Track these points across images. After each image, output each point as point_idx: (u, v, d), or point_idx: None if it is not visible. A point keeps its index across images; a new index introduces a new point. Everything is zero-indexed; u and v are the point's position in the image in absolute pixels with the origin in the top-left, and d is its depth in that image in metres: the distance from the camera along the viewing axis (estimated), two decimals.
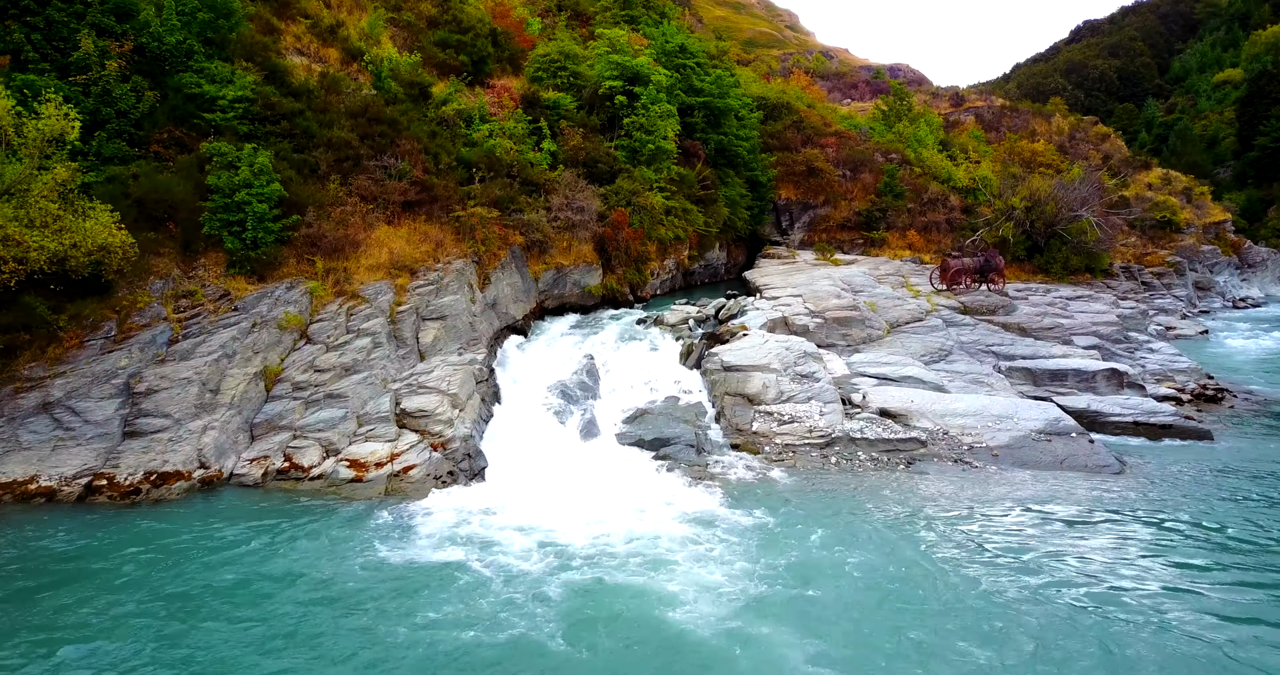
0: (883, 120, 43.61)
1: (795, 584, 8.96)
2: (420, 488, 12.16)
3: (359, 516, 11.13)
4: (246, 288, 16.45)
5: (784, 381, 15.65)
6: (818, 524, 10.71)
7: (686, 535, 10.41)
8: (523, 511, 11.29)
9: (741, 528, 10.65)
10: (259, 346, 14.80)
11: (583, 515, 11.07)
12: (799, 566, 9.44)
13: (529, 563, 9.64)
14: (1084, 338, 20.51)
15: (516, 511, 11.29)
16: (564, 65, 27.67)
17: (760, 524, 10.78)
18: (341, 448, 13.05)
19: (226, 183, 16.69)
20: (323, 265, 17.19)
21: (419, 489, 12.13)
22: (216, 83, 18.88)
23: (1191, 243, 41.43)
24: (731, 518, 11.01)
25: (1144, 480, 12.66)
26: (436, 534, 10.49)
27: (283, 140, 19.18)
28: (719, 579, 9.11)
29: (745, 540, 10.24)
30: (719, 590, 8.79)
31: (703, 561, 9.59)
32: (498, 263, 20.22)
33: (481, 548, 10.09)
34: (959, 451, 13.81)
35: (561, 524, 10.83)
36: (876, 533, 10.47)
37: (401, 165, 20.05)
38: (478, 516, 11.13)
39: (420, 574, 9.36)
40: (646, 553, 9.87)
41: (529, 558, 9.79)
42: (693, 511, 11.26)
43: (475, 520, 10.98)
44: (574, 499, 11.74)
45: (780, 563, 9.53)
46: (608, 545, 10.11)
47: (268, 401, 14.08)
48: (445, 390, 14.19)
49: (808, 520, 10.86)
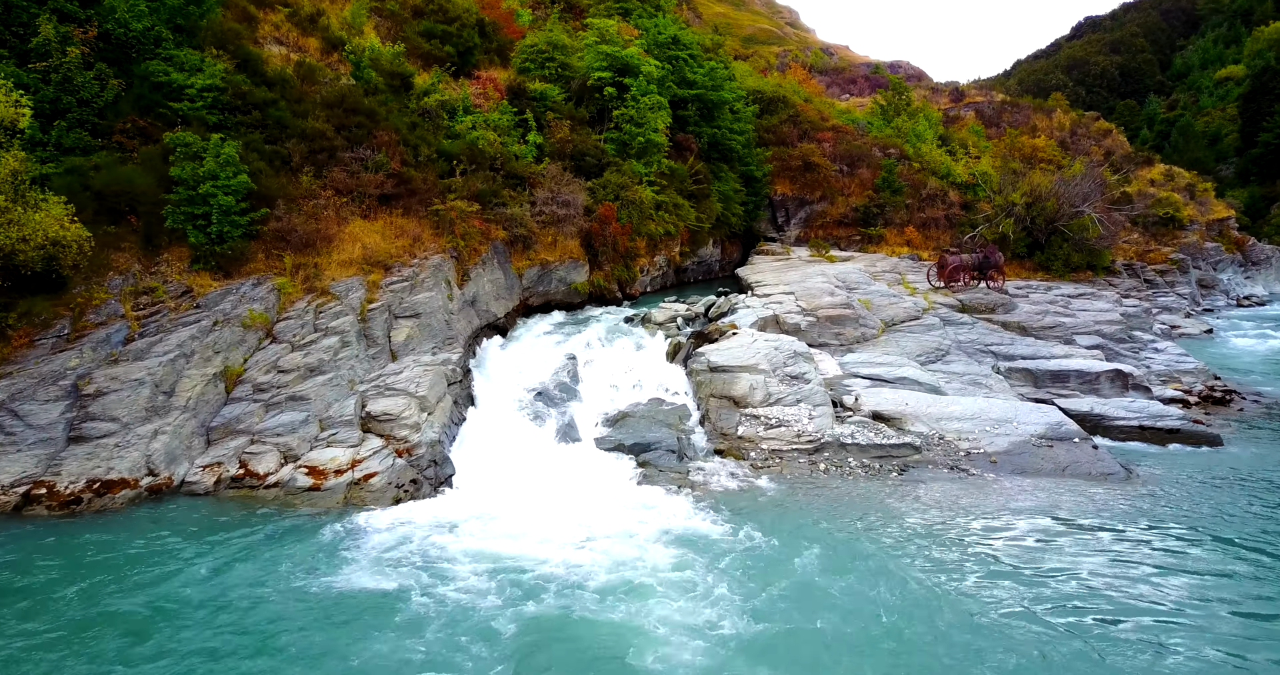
0: (881, 115, 42.82)
1: (782, 617, 8.09)
2: (381, 497, 11.43)
3: (307, 531, 10.31)
4: (211, 284, 15.74)
5: (772, 383, 14.92)
6: (805, 541, 9.92)
7: (662, 557, 9.53)
8: (486, 526, 10.47)
9: (723, 547, 9.82)
10: (220, 346, 14.07)
11: (550, 531, 10.25)
12: (786, 595, 8.58)
13: (483, 591, 8.66)
14: (1087, 337, 19.77)
15: (479, 526, 10.47)
16: (552, 56, 26.90)
17: (744, 543, 9.97)
18: (301, 454, 12.31)
19: (191, 174, 15.95)
20: (292, 261, 16.47)
21: (379, 498, 11.40)
22: (185, 71, 18.15)
23: (1195, 240, 40.72)
24: (713, 534, 10.22)
25: (1152, 489, 11.93)
26: (385, 553, 9.59)
27: (254, 131, 18.46)
28: (699, 613, 8.18)
29: (728, 563, 9.38)
30: (699, 627, 7.87)
31: (680, 590, 8.67)
32: (478, 258, 19.49)
33: (432, 571, 9.14)
34: (955, 458, 13.08)
35: (525, 542, 9.99)
36: (868, 552, 9.71)
37: (378, 157, 19.30)
38: (435, 532, 10.28)
39: (354, 604, 8.37)
40: (617, 579, 8.94)
41: (484, 585, 8.81)
42: (670, 527, 10.44)
43: (432, 536, 10.12)
44: (543, 511, 10.95)
45: (766, 592, 8.66)
46: (574, 570, 9.20)
47: (227, 404, 13.35)
48: (413, 392, 13.46)
49: (794, 537, 10.06)
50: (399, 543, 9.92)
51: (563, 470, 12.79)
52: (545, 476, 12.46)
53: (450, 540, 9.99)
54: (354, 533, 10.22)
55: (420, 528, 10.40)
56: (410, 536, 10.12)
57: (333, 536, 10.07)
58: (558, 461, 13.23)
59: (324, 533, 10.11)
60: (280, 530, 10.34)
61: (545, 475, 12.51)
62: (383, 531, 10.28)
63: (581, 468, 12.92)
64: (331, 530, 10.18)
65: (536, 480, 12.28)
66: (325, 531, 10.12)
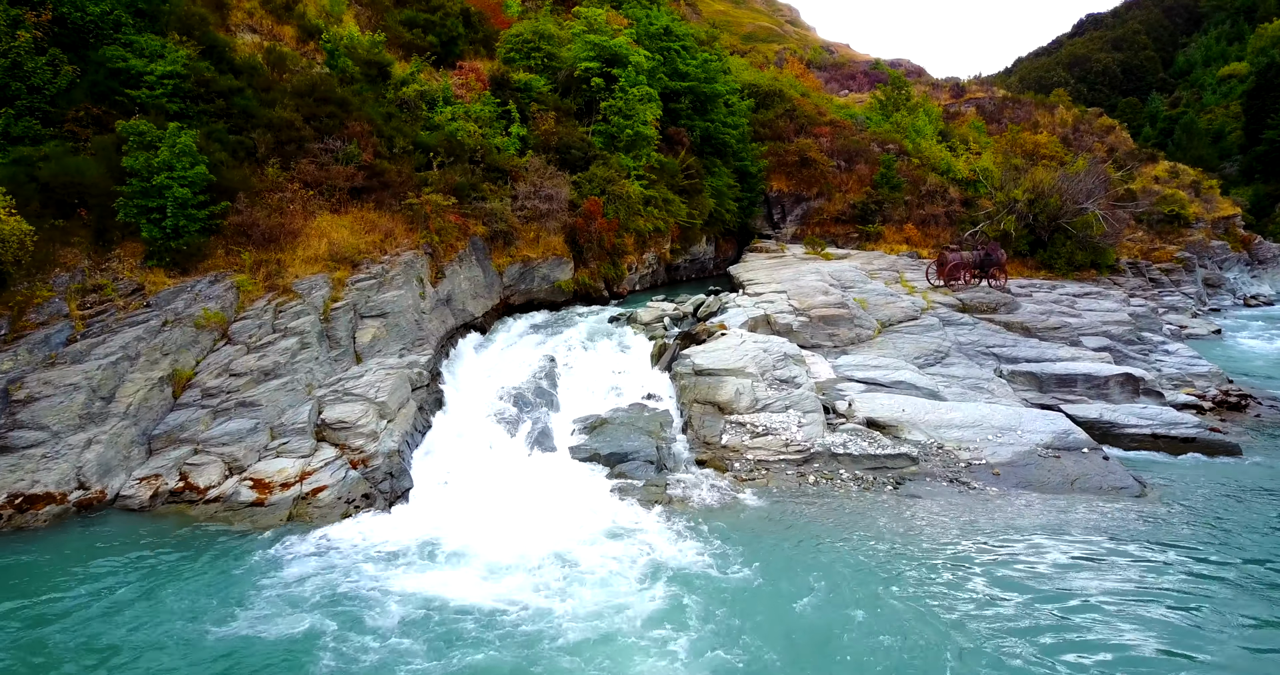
0: (880, 110, 41.87)
1: (766, 667, 7.12)
2: (329, 513, 10.50)
3: (235, 554, 9.31)
4: (165, 282, 14.80)
5: (760, 387, 13.99)
6: (791, 569, 8.96)
7: (630, 595, 8.43)
8: (434, 553, 9.46)
9: (698, 577, 8.84)
10: (169, 347, 13.13)
11: (504, 558, 9.25)
12: (770, 638, 7.58)
13: (407, 647, 7.38)
14: (1094, 338, 18.81)
15: (426, 553, 9.47)
16: (538, 46, 25.94)
17: (722, 571, 8.99)
18: (248, 464, 11.38)
19: (144, 165, 15.02)
20: (252, 257, 15.54)
21: (327, 515, 10.46)
22: (145, 57, 17.21)
23: (1201, 238, 39.78)
24: (688, 559, 9.26)
25: (1168, 505, 11.00)
26: (311, 586, 8.51)
27: (218, 120, 17.51)
28: (669, 665, 7.11)
29: (702, 596, 8.37)
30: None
31: (647, 632, 7.60)
32: (455, 255, 18.55)
33: (355, 614, 7.93)
34: (955, 469, 12.14)
35: (471, 575, 8.94)
36: (862, 581, 8.76)
37: (349, 149, 18.35)
38: (374, 561, 9.21)
39: (250, 657, 7.24)
40: (573, 629, 7.76)
41: (411, 636, 7.54)
42: (643, 552, 9.46)
43: (369, 566, 9.05)
44: (501, 533, 9.97)
45: (747, 634, 7.63)
46: (522, 614, 8.04)
47: (173, 410, 12.42)
48: (372, 398, 12.52)
49: (779, 563, 9.10)
50: (331, 573, 8.87)
51: (532, 483, 11.85)
52: (512, 490, 11.52)
53: (388, 572, 8.95)
54: (283, 559, 9.20)
55: (360, 553, 9.39)
56: (347, 566, 9.07)
57: (260, 562, 9.07)
58: (528, 473, 12.29)
59: (252, 558, 9.12)
60: (206, 554, 9.35)
61: (512, 488, 11.58)
62: (317, 556, 9.27)
63: (553, 480, 11.98)
64: (262, 555, 9.17)
65: (502, 494, 11.35)
66: (254, 557, 9.13)
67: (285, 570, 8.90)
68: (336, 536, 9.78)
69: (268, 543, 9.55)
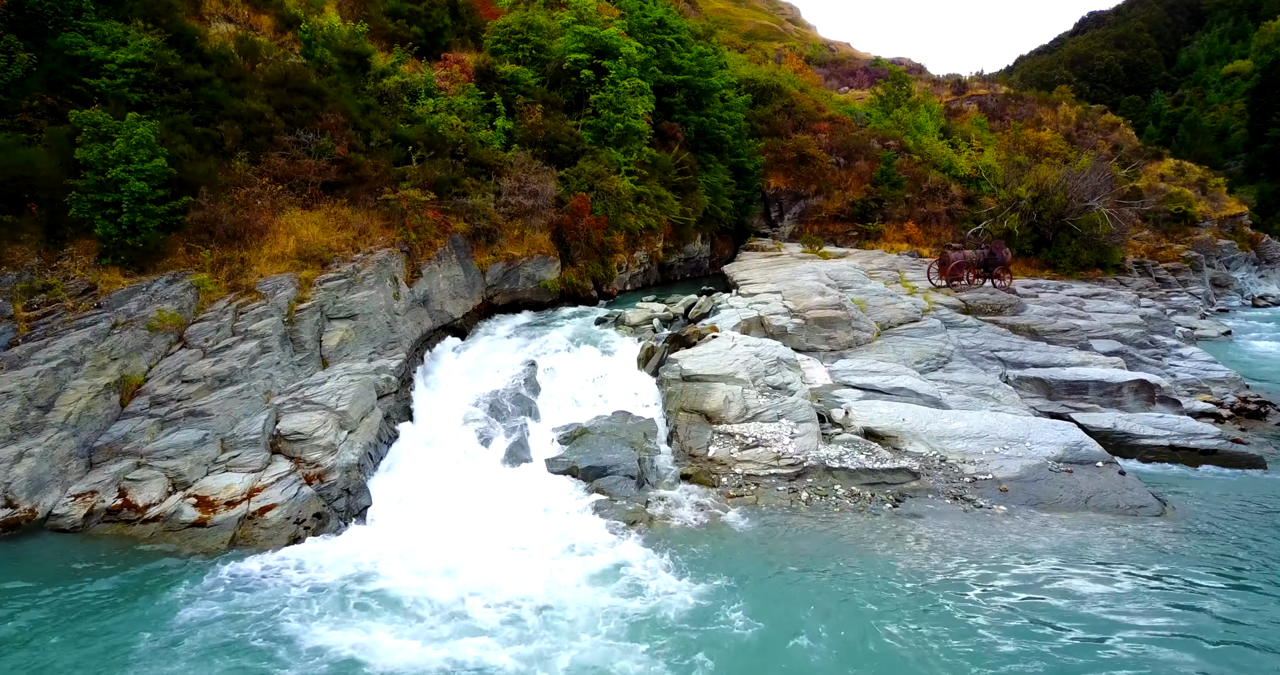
0: (880, 106, 40.98)
1: None
2: (276, 535, 9.61)
3: (159, 586, 8.28)
4: (120, 281, 13.93)
5: (751, 395, 13.10)
6: (782, 609, 8.00)
7: (594, 645, 7.39)
8: (378, 590, 8.38)
9: (676, 614, 7.91)
10: (119, 352, 12.25)
11: (462, 590, 8.28)
12: None
13: None
14: (1104, 342, 17.92)
15: (368, 589, 8.40)
16: (526, 37, 25.07)
17: (704, 604, 8.07)
18: (193, 480, 10.50)
19: (99, 158, 14.13)
20: (212, 255, 14.67)
21: (274, 537, 9.57)
22: (106, 45, 16.34)
23: (1208, 237, 38.88)
24: (665, 590, 8.31)
25: (1192, 525, 10.12)
26: (223, 631, 7.40)
27: (183, 111, 16.62)
28: None
29: (679, 640, 7.42)
30: None
31: None
32: (433, 253, 17.67)
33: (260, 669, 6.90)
34: (959, 485, 11.26)
35: (419, 621, 7.83)
36: (857, 617, 7.86)
37: (322, 141, 17.47)
38: (304, 600, 8.12)
39: None
40: None
41: None
42: (616, 582, 8.51)
43: (295, 609, 7.92)
44: (464, 559, 9.03)
45: None
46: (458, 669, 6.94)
47: (119, 419, 11.54)
48: (333, 407, 11.64)
49: (769, 602, 8.12)
50: (246, 617, 7.74)
51: (503, 499, 10.96)
52: (480, 508, 10.63)
53: (313, 619, 7.80)
54: (204, 594, 8.18)
55: (293, 589, 8.35)
56: (271, 605, 7.95)
57: (180, 599, 8.07)
58: (500, 488, 11.40)
59: (174, 591, 8.13)
60: (127, 586, 8.39)
61: (480, 506, 10.69)
62: (244, 592, 8.26)
63: (525, 497, 11.09)
64: (185, 589, 8.18)
65: (468, 514, 10.45)
66: (177, 590, 8.15)
67: (207, 606, 7.91)
68: (275, 564, 8.83)
69: (197, 572, 8.58)
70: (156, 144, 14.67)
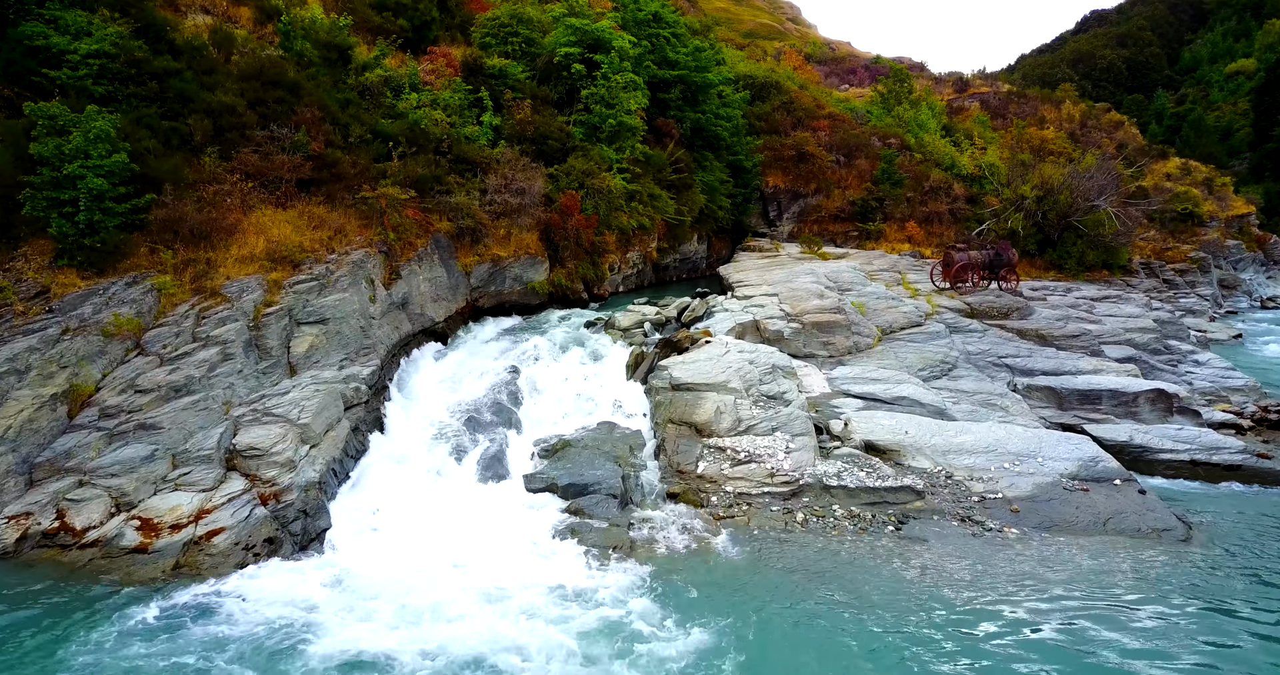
0: (881, 103, 40.18)
1: None
2: (222, 563, 8.81)
3: (80, 624, 7.37)
4: (77, 284, 13.11)
5: (744, 405, 12.30)
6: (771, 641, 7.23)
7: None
8: (323, 639, 7.43)
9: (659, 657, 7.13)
10: (69, 359, 11.46)
11: (413, 645, 7.29)
12: None
13: None
14: (1116, 347, 17.11)
15: (310, 637, 7.46)
16: (516, 30, 24.28)
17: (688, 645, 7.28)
18: (139, 500, 9.70)
19: (54, 153, 13.33)
20: (175, 256, 13.87)
21: (220, 564, 8.77)
22: (69, 34, 15.54)
23: (1215, 237, 38.10)
24: (647, 631, 7.50)
25: (1221, 551, 9.34)
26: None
27: (150, 104, 15.83)
28: None
29: None
30: None
31: None
32: (414, 253, 16.87)
33: None
34: (967, 505, 10.46)
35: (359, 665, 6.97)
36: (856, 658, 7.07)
37: (297, 136, 16.65)
38: (241, 643, 7.20)
39: None
40: None
41: None
42: (594, 632, 7.61)
43: (222, 654, 6.97)
44: (421, 600, 8.13)
45: None
46: None
47: (66, 432, 10.74)
48: (294, 420, 10.85)
49: (761, 645, 7.33)
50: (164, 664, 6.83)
51: (475, 521, 10.16)
52: (450, 531, 9.83)
53: (253, 657, 6.99)
54: (127, 636, 7.27)
55: (221, 633, 7.41)
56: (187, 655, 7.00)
57: (92, 644, 7.14)
58: (473, 507, 10.60)
59: (93, 632, 7.22)
60: (42, 624, 7.53)
61: (450, 529, 9.89)
62: (166, 637, 7.32)
63: (500, 518, 10.28)
64: (105, 630, 7.28)
65: (435, 538, 9.63)
66: (95, 633, 7.26)
67: (117, 653, 6.99)
68: (209, 602, 7.93)
69: (126, 607, 7.70)
70: (118, 138, 13.86)
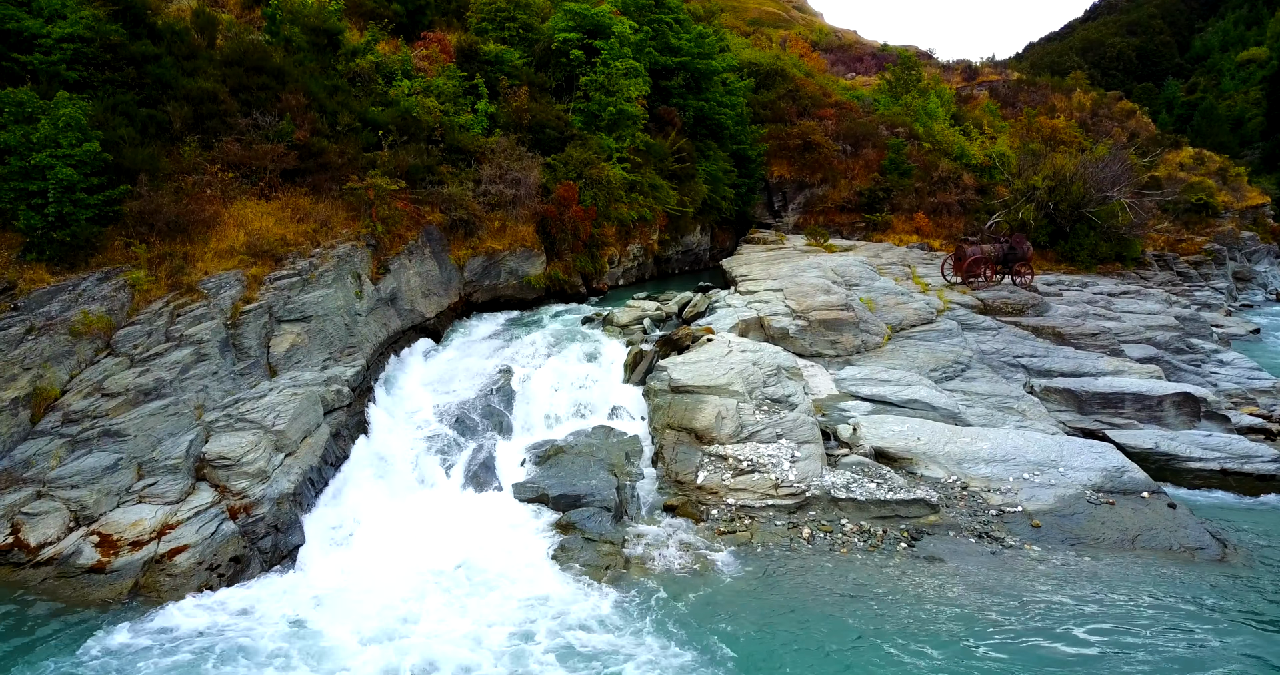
0: (888, 92, 39.29)
1: None
2: (183, 584, 8.18)
3: (20, 654, 6.76)
4: (46, 279, 12.44)
5: (747, 410, 11.64)
6: None
7: None
8: (286, 660, 6.88)
9: None
10: (33, 360, 10.81)
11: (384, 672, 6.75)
12: None
13: None
14: (1137, 346, 16.39)
15: (271, 666, 6.87)
16: (513, 15, 23.51)
17: None
18: (99, 513, 9.07)
19: (21, 141, 12.66)
20: (150, 250, 13.17)
21: (181, 586, 8.15)
22: (42, 17, 14.85)
23: (1229, 229, 37.25)
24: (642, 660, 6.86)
25: (1262, 572, 8.67)
26: None
27: (127, 91, 15.14)
28: None
29: None
30: None
31: None
32: (403, 247, 16.21)
33: None
34: (984, 519, 9.80)
35: None
36: None
37: (281, 124, 15.95)
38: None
39: None
40: None
41: None
42: (583, 649, 7.01)
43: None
44: (393, 636, 7.51)
45: None
46: None
47: (27, 439, 10.10)
48: (269, 426, 10.21)
49: (763, 664, 6.69)
50: None
51: (460, 536, 9.52)
52: (431, 547, 9.21)
53: None
54: (85, 664, 6.65)
55: (195, 657, 6.80)
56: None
57: None
58: (458, 520, 9.97)
59: (44, 666, 6.63)
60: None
61: (432, 545, 9.27)
62: (129, 664, 6.70)
63: (485, 531, 9.65)
64: (53, 664, 6.68)
65: (414, 559, 8.98)
66: (46, 666, 6.64)
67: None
68: (162, 628, 7.31)
69: (76, 635, 7.03)
70: (90, 126, 13.19)
